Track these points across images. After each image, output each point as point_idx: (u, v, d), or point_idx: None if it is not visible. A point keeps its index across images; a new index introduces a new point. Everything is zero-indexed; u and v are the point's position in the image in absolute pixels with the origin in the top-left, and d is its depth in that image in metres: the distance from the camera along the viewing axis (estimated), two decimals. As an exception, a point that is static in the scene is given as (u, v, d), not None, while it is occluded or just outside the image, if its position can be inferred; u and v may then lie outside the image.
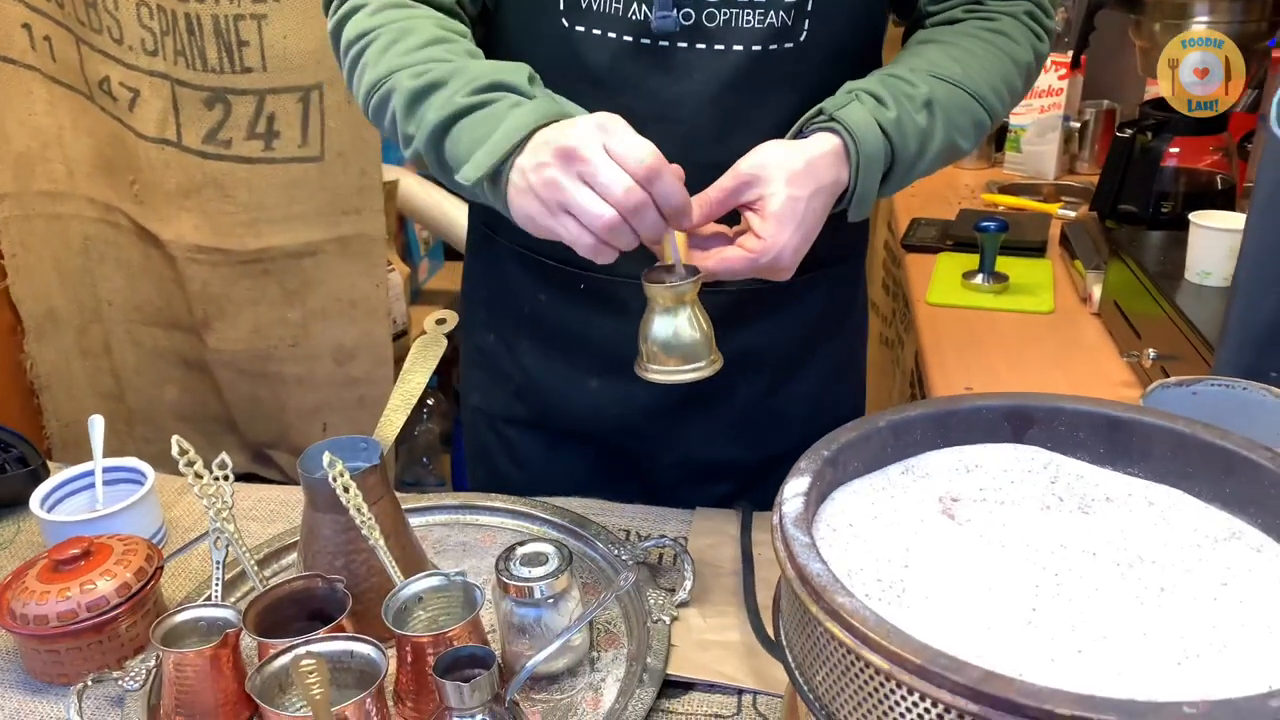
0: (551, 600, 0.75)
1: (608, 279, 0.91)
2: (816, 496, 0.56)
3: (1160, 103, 1.33)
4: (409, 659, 0.74)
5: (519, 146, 0.69)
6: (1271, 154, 0.76)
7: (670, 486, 1.01)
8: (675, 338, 0.72)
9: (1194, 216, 1.06)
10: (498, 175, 0.70)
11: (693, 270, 0.72)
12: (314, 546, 0.82)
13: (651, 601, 0.82)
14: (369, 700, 0.66)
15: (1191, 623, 0.48)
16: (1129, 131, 1.28)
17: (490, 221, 1.01)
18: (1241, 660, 0.45)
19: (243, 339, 1.67)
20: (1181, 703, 0.38)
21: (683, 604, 0.82)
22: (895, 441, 0.60)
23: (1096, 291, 1.27)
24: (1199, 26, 1.18)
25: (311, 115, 1.55)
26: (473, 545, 0.93)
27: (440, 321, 0.97)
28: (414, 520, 0.96)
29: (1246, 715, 0.38)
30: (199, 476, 0.78)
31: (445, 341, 0.96)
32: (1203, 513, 0.55)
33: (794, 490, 0.54)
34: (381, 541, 0.77)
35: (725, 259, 0.73)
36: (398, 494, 0.88)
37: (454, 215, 1.94)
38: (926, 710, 0.42)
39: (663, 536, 0.88)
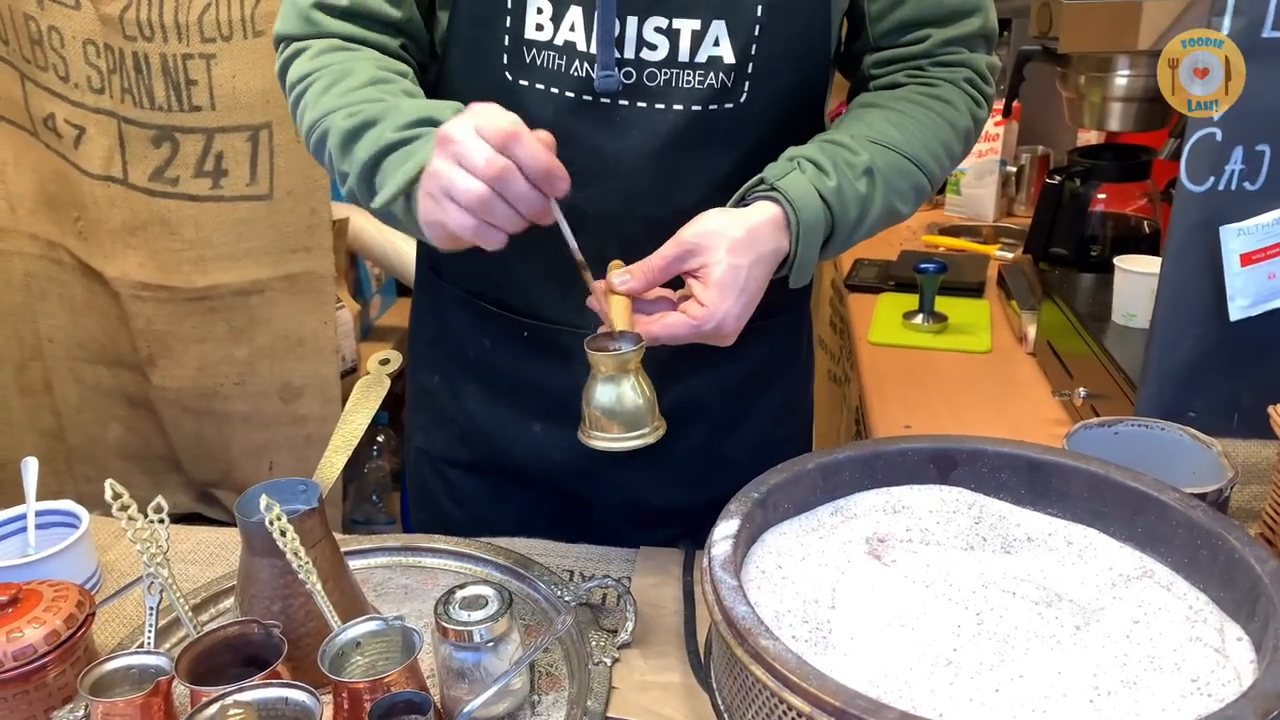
0: (491, 644, 0.75)
1: (550, 326, 0.92)
2: (746, 538, 0.57)
3: (1088, 150, 1.38)
4: (345, 705, 0.73)
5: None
6: (1182, 204, 0.80)
7: (614, 529, 1.02)
8: (618, 404, 0.73)
9: (1119, 260, 1.10)
10: (409, 196, 0.72)
11: (635, 338, 0.73)
12: (251, 591, 0.81)
13: (593, 643, 0.82)
14: (302, 748, 0.65)
15: (1104, 660, 0.49)
16: (1058, 178, 1.33)
17: (435, 265, 1.01)
18: (1150, 696, 0.47)
19: (188, 377, 1.65)
20: (1086, 740, 0.40)
21: (625, 645, 0.83)
22: (824, 483, 0.61)
23: (1031, 332, 1.31)
24: (1121, 79, 1.23)
25: (260, 154, 1.55)
26: (415, 588, 0.93)
27: (384, 362, 0.97)
28: (355, 562, 0.95)
29: (1146, 751, 0.39)
30: (133, 520, 0.77)
31: (388, 382, 0.96)
32: (1117, 551, 0.57)
33: (723, 533, 0.55)
34: (319, 586, 0.77)
35: (669, 324, 0.74)
36: (344, 534, 0.87)
37: (404, 252, 1.94)
38: (845, 751, 0.43)
39: (606, 577, 0.89)
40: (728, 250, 0.73)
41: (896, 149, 0.80)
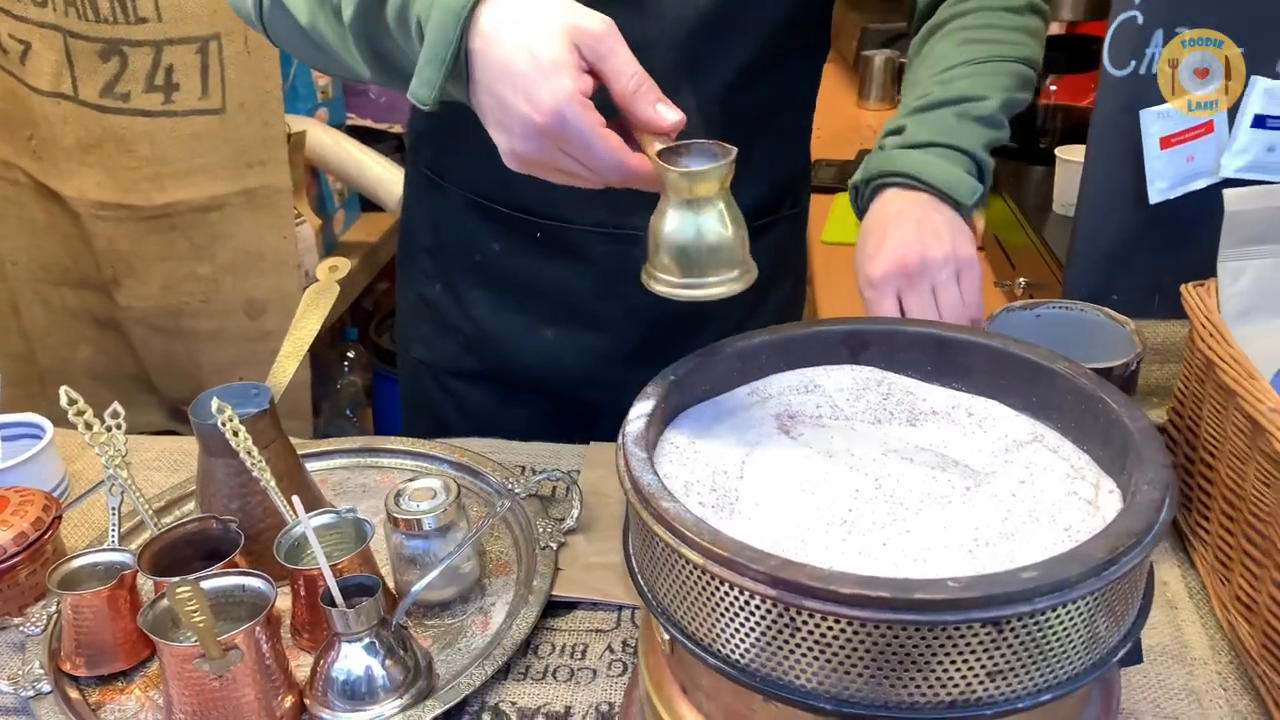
0: (439, 532, 0.79)
1: (566, 226, 0.91)
2: (662, 417, 0.60)
3: (1047, 43, 1.37)
4: (302, 592, 0.77)
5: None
6: (1105, 89, 0.81)
7: None
8: (699, 239, 0.57)
9: (1059, 151, 1.11)
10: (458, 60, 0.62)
11: (721, 150, 0.58)
12: (209, 490, 0.84)
13: (540, 530, 0.86)
14: (259, 628, 0.69)
15: (988, 516, 0.53)
16: (1008, 70, 1.33)
17: (438, 169, 0.99)
18: (1025, 547, 0.51)
19: (153, 296, 1.66)
20: (947, 578, 0.43)
21: (570, 531, 0.87)
22: (741, 365, 0.64)
23: (980, 225, 1.33)
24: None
25: (211, 66, 1.53)
26: (372, 487, 0.96)
27: (333, 269, 0.99)
28: (314, 464, 0.99)
29: (1001, 585, 0.43)
30: (89, 426, 0.80)
31: (337, 289, 0.97)
32: (1013, 420, 0.60)
33: (638, 412, 0.58)
34: (273, 483, 0.80)
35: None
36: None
37: (367, 166, 1.93)
38: (736, 599, 0.47)
39: (555, 470, 0.92)
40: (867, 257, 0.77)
41: (950, 67, 0.83)
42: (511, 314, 0.99)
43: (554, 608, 0.80)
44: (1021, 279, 1.11)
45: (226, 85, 1.53)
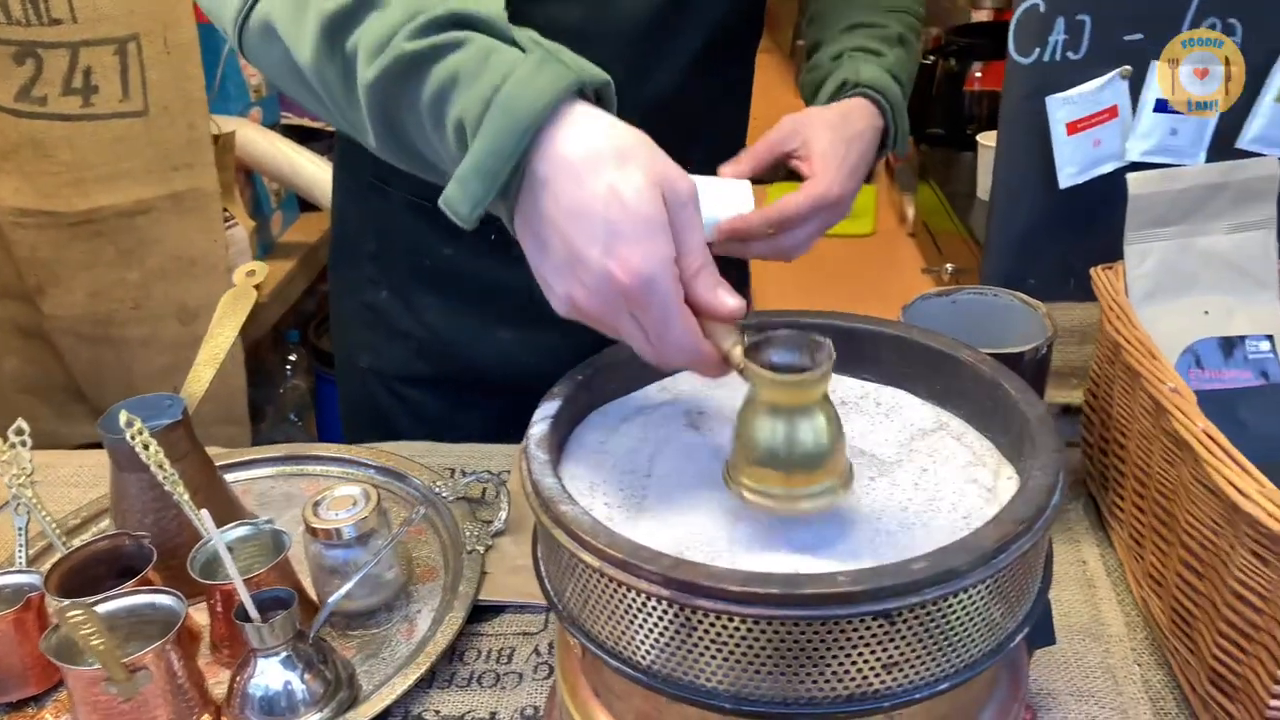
0: (360, 540, 0.77)
1: None
2: (570, 418, 0.60)
3: (966, 29, 1.39)
4: (219, 608, 0.76)
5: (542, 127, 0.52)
6: (1012, 76, 0.82)
7: None
8: (795, 448, 0.50)
9: (981, 138, 1.12)
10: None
11: (813, 344, 0.51)
12: (123, 506, 0.82)
13: (467, 533, 0.85)
14: (169, 647, 0.67)
15: (890, 506, 0.53)
16: (932, 58, 1.34)
17: (380, 173, 0.97)
18: (925, 536, 0.51)
19: (80, 304, 1.62)
20: (837, 572, 0.43)
21: (498, 533, 0.86)
22: (650, 364, 0.63)
23: (911, 212, 1.34)
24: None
25: (130, 68, 1.50)
26: (297, 495, 0.95)
27: (250, 274, 0.97)
28: (238, 474, 0.97)
29: (890, 577, 0.43)
30: (-9, 444, 0.77)
31: (254, 294, 0.96)
32: (919, 409, 0.61)
33: (543, 414, 0.57)
34: (186, 496, 0.78)
35: (785, 201, 0.76)
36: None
37: (301, 165, 1.90)
38: (633, 601, 0.46)
39: (485, 472, 0.91)
40: (825, 126, 0.77)
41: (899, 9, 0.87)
42: (466, 317, 0.97)
43: (481, 612, 0.79)
44: (949, 264, 1.12)
45: (148, 87, 1.49)
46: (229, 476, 0.96)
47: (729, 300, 0.53)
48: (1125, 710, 0.65)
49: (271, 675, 0.69)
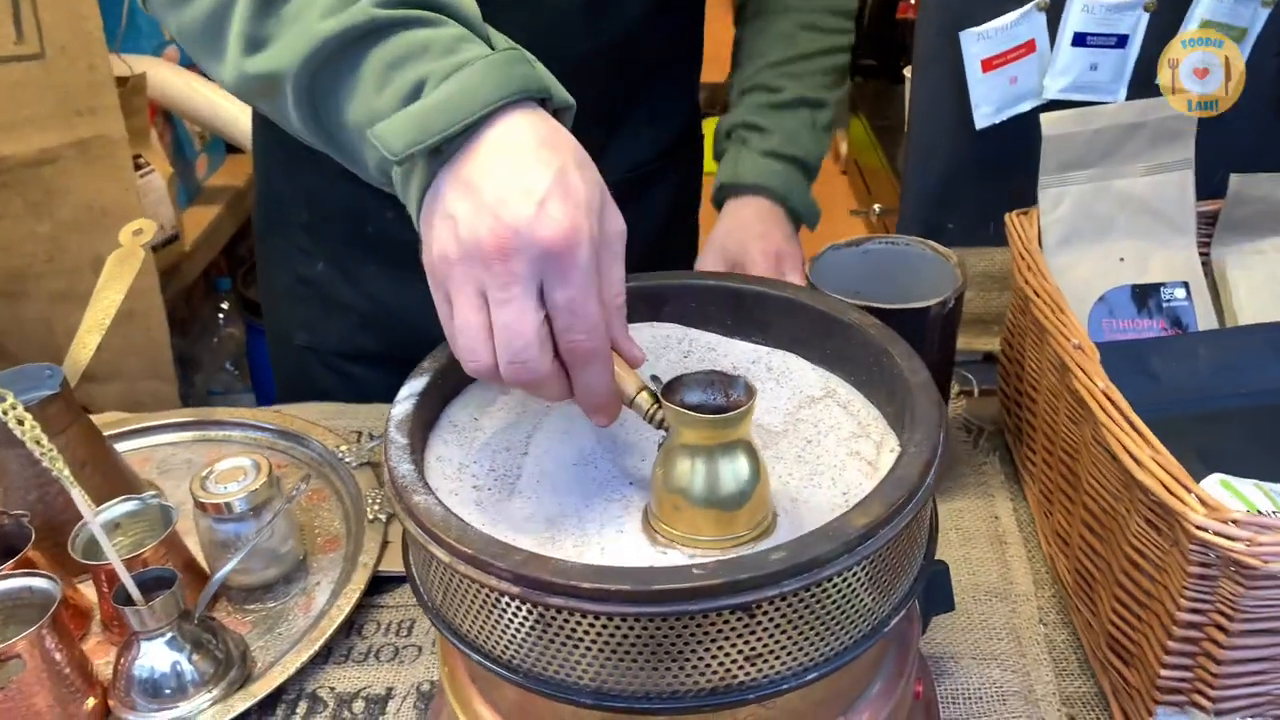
0: (253, 513, 0.74)
1: None
2: (441, 394, 0.56)
3: (904, -47, 1.33)
4: (105, 588, 0.73)
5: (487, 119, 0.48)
6: (926, 11, 0.77)
7: None
8: (715, 487, 0.47)
9: (908, 71, 1.08)
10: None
11: (724, 379, 0.48)
12: (4, 483, 0.78)
13: (370, 501, 0.82)
14: (44, 632, 0.65)
15: (771, 480, 0.51)
16: (866, -15, 1.29)
17: None
18: (805, 513, 0.49)
19: (-10, 259, 1.55)
20: (691, 565, 0.41)
21: (404, 499, 0.83)
22: (532, 330, 0.60)
23: (844, 149, 1.29)
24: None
25: (22, 8, 1.41)
26: (198, 462, 0.91)
27: (137, 232, 0.92)
28: (136, 441, 0.93)
29: (747, 569, 0.40)
30: None
31: (143, 254, 0.91)
32: (809, 374, 0.58)
33: (407, 391, 0.54)
34: (67, 473, 0.74)
35: None
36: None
37: (220, 106, 1.82)
38: (487, 597, 0.44)
39: (393, 433, 0.88)
40: (760, 254, 0.87)
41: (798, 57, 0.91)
42: (413, 285, 0.92)
43: (382, 583, 0.76)
44: (876, 205, 1.08)
45: (43, 28, 1.41)
46: (127, 444, 0.93)
47: (636, 350, 0.51)
48: (1028, 672, 0.64)
49: (156, 657, 0.66)
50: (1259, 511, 0.60)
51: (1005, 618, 0.68)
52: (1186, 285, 0.73)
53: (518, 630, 0.44)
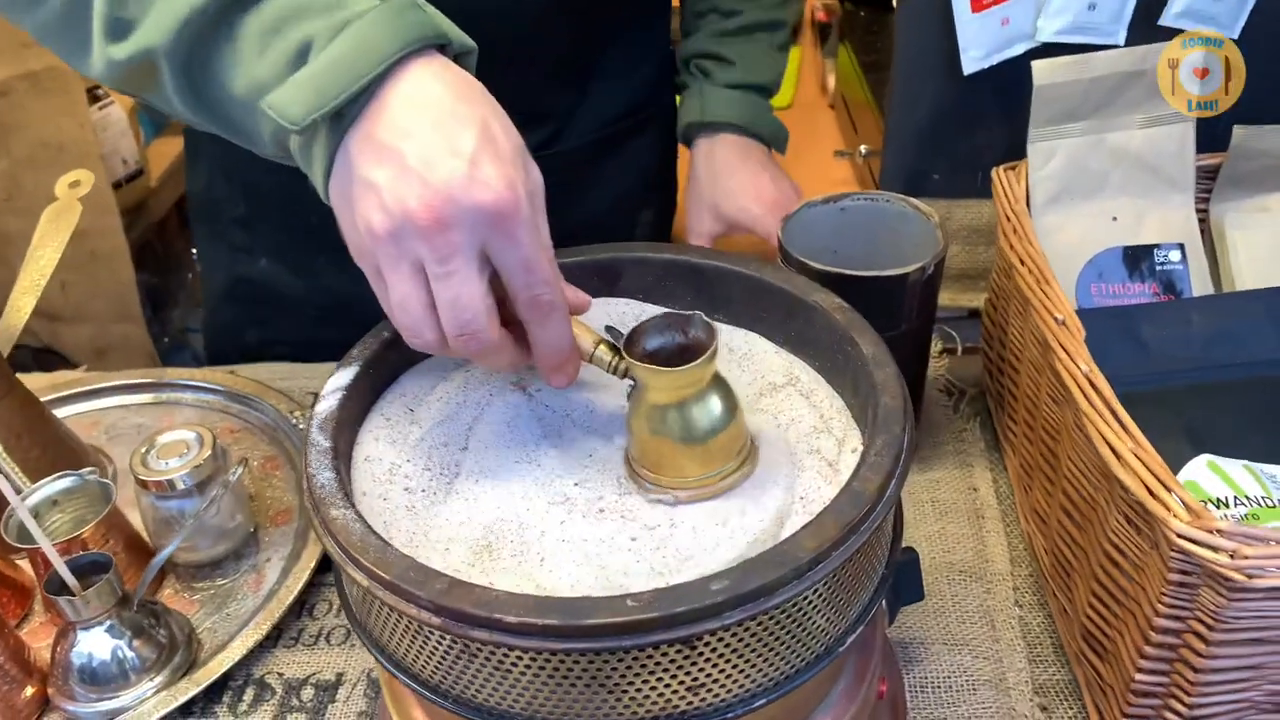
0: (198, 488, 0.71)
1: None
2: (372, 385, 0.53)
3: None
4: (42, 570, 0.70)
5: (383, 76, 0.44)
6: (912, -56, 0.71)
7: None
8: (692, 429, 0.45)
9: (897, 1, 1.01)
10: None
11: (683, 320, 0.46)
12: (-62, 457, 0.75)
13: (324, 470, 0.79)
14: (-28, 623, 0.62)
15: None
16: (856, -98, 1.20)
17: None
18: (759, 520, 0.45)
19: (-55, 197, 1.50)
20: (625, 595, 0.37)
21: (359, 468, 0.80)
22: (475, 309, 0.56)
23: (832, 82, 1.23)
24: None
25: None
26: (149, 426, 0.87)
27: (74, 185, 0.87)
28: (84, 405, 0.90)
29: (686, 601, 0.37)
30: None
31: (79, 208, 0.86)
32: (772, 357, 0.54)
33: (333, 386, 0.50)
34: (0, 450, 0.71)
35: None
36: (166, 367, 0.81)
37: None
38: (408, 625, 0.41)
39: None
40: (762, 212, 0.88)
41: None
42: None
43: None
44: (863, 146, 1.02)
45: (-19, -49, 1.33)
46: (75, 407, 0.89)
47: (581, 295, 0.50)
48: (1000, 659, 0.62)
49: (95, 645, 0.64)
50: (1247, 497, 0.57)
51: (979, 599, 0.66)
52: (1182, 247, 0.68)
53: (444, 657, 0.41)
